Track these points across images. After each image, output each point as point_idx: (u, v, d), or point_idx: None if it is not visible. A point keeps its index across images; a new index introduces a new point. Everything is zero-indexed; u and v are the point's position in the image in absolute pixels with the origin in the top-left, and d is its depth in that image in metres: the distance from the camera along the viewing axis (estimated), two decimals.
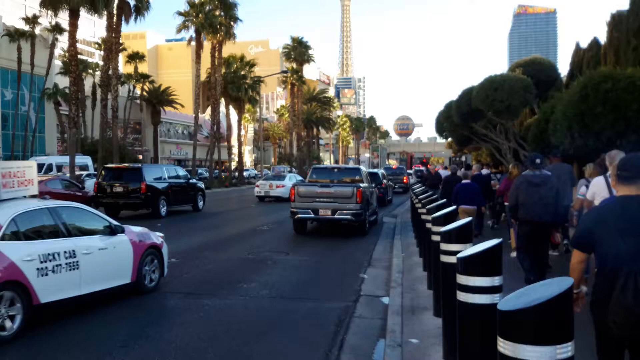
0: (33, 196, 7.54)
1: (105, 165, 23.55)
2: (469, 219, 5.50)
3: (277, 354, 6.00)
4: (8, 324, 6.05)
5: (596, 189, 6.52)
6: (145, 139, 65.35)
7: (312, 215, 15.34)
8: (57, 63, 54.65)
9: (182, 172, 23.54)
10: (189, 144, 58.96)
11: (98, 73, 48.65)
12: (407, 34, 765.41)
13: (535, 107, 23.78)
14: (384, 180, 26.66)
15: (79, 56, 36.63)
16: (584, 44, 22.52)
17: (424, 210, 9.65)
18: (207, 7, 44.86)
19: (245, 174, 56.95)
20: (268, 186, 29.61)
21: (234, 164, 56.17)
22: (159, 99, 60.51)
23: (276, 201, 28.53)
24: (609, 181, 5.96)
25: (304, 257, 12.18)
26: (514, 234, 9.50)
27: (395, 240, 14.13)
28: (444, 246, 5.36)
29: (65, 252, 6.87)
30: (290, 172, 41.49)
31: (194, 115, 47.43)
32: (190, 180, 23.30)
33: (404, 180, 36.81)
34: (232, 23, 46.40)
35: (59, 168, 33.05)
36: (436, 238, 6.27)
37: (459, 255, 3.97)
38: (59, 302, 6.78)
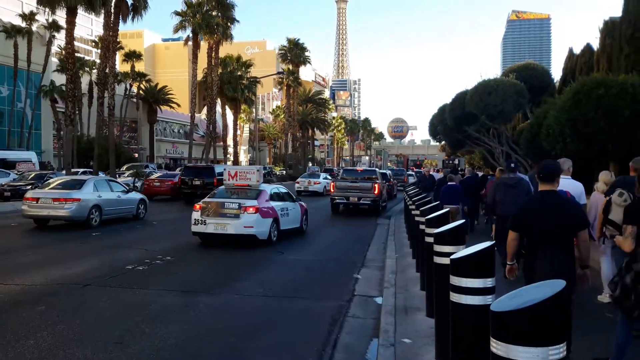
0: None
1: (186, 165, 32.90)
2: (462, 221, 5.65)
3: (271, 352, 6.08)
4: (274, 237, 13.74)
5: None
6: (141, 138, 65.27)
7: (345, 201, 22.67)
8: (54, 60, 54.50)
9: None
10: (185, 143, 58.97)
11: (95, 71, 48.58)
12: (402, 37, 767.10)
13: (528, 112, 23.93)
14: (391, 179, 32.86)
15: (76, 54, 36.62)
16: (577, 50, 22.67)
17: (417, 212, 9.77)
18: (205, 8, 44.90)
19: None
20: (307, 182, 35.79)
21: (229, 164, 56.20)
22: (155, 97, 60.49)
23: (311, 195, 33.22)
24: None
25: (298, 257, 12.28)
26: (495, 227, 10.30)
27: (388, 242, 14.23)
28: (438, 247, 5.44)
29: (286, 207, 14.88)
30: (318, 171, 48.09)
31: (190, 114, 47.42)
32: None
33: (405, 180, 42.90)
34: (229, 24, 46.45)
35: (12, 164, 31.88)
36: (430, 239, 6.36)
37: (452, 256, 4.04)
38: (285, 230, 14.49)
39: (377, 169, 27.87)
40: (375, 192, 22.18)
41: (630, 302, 4.56)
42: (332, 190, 23.28)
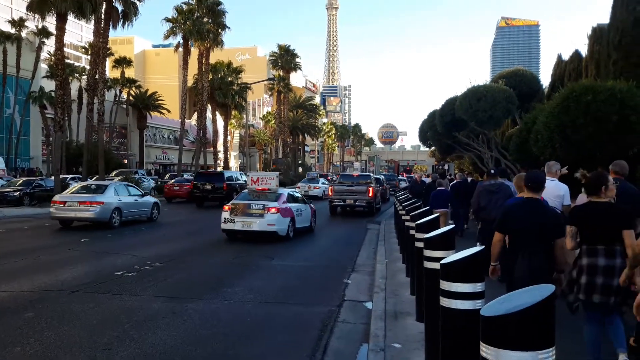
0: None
1: (199, 171, 35.09)
2: (451, 226, 5.67)
3: (261, 358, 6.05)
4: (291, 234, 15.89)
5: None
6: (130, 143, 65.02)
7: (343, 203, 24.65)
8: (43, 66, 54.29)
9: (243, 176, 32.56)
10: (175, 149, 58.80)
11: (84, 77, 48.41)
12: (393, 44, 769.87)
13: (517, 118, 24.07)
14: (384, 184, 34.47)
15: (66, 60, 36.45)
16: (566, 56, 22.82)
17: (407, 217, 9.78)
18: (195, 14, 44.89)
19: None
20: (307, 187, 37.58)
21: (219, 169, 56.09)
22: (145, 103, 60.32)
23: (311, 199, 34.03)
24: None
25: (288, 262, 12.26)
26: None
27: (379, 247, 14.24)
28: (428, 252, 5.45)
29: (300, 209, 16.92)
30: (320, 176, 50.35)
31: (180, 120, 47.31)
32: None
33: (396, 184, 44.79)
34: (219, 30, 46.46)
35: None
36: (420, 244, 6.37)
37: (442, 261, 4.05)
38: (299, 228, 16.50)
39: (371, 174, 30.15)
40: (370, 194, 24.23)
41: (574, 294, 5.02)
42: (330, 194, 25.33)
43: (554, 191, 7.38)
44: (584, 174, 5.38)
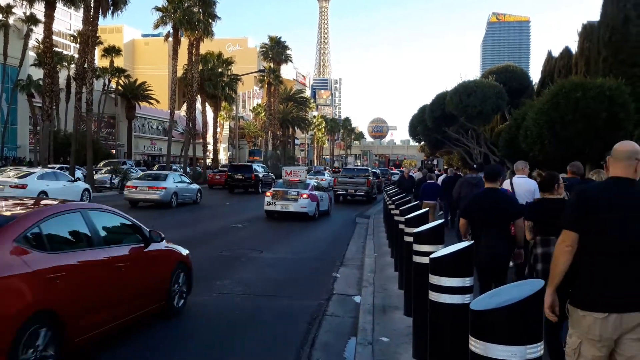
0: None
1: (232, 164, 41.54)
2: (441, 221, 5.75)
3: (250, 351, 6.06)
4: (317, 215, 20.04)
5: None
6: (119, 134, 64.60)
7: (345, 192, 28.82)
8: (31, 54, 53.57)
9: (265, 169, 39.72)
10: (164, 140, 58.45)
11: (73, 66, 47.77)
12: (384, 37, 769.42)
13: (506, 114, 24.16)
14: (380, 176, 38.70)
15: (54, 48, 36.11)
16: (556, 53, 22.91)
17: (397, 212, 9.80)
18: (186, 4, 44.39)
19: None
20: (316, 179, 40.29)
21: (208, 161, 55.90)
22: (134, 93, 59.86)
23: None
24: (512, 181, 8.35)
25: (278, 256, 12.25)
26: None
27: (368, 241, 14.27)
28: (417, 247, 5.46)
29: (322, 195, 20.88)
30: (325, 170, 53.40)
31: (169, 111, 46.97)
32: (266, 174, 37.29)
33: (389, 178, 47.84)
34: (210, 20, 46.07)
35: None
36: (409, 239, 6.39)
37: (431, 256, 4.07)
38: (321, 211, 20.55)
39: (369, 168, 35.56)
40: (368, 185, 28.70)
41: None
42: (335, 185, 30.24)
43: (525, 187, 8.05)
44: (540, 174, 5.84)
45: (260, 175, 35.12)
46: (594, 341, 3.13)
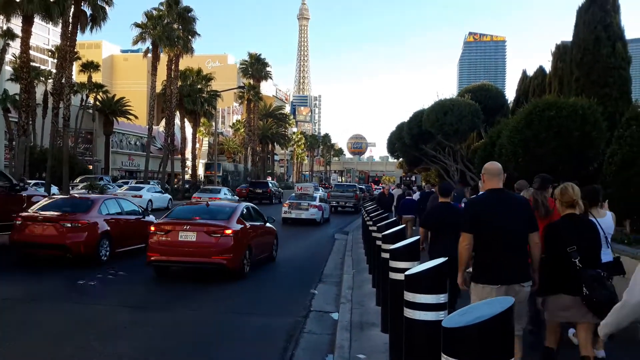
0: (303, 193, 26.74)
1: (251, 180, 54.01)
2: (417, 237, 5.81)
3: None
4: (322, 221, 26.12)
5: None
6: (96, 149, 63.91)
7: (337, 204, 34.60)
8: (8, 69, 52.96)
9: (275, 185, 49.65)
10: (142, 156, 57.94)
11: (50, 81, 47.42)
12: (363, 55, 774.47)
13: (482, 132, 24.51)
14: (365, 191, 45.74)
15: (32, 63, 35.78)
16: (531, 72, 23.32)
17: (374, 228, 9.86)
18: (165, 20, 44.37)
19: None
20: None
21: (187, 177, 55.55)
22: (112, 109, 59.40)
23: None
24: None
25: (254, 273, 12.17)
26: None
27: (346, 257, 14.28)
28: (393, 263, 5.50)
29: (325, 206, 27.48)
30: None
31: (147, 126, 46.69)
32: (277, 189, 47.41)
33: (371, 193, 52.78)
34: (190, 37, 46.02)
35: None
36: (386, 255, 6.43)
37: (406, 272, 4.10)
38: (325, 219, 26.98)
39: (356, 184, 46.88)
40: (356, 198, 35.28)
41: None
42: (328, 197, 33.84)
43: None
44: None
45: (273, 189, 45.11)
46: None
